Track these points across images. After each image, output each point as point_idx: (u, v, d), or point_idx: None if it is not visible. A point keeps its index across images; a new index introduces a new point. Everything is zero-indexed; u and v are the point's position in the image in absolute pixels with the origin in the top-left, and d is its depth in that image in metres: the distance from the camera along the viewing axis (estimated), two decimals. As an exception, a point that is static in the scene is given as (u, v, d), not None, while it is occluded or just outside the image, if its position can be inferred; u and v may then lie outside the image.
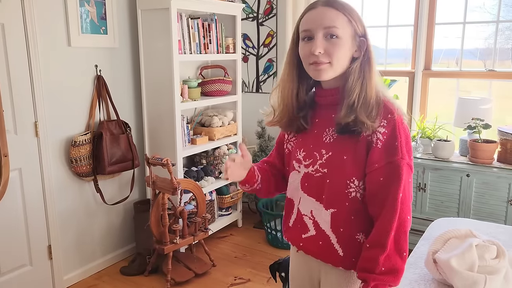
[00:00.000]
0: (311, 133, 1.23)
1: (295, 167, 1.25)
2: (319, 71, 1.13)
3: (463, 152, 2.86)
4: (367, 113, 1.09)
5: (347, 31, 1.12)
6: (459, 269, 1.51)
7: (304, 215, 1.23)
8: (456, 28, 3.11)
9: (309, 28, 1.13)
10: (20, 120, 2.38)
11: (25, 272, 2.50)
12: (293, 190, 1.27)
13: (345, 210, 1.14)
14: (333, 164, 1.15)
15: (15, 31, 2.30)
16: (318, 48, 1.11)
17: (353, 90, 1.11)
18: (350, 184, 1.13)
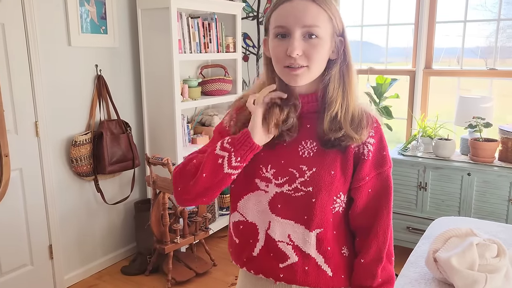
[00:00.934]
0: (279, 147, 1.05)
1: (260, 186, 1.06)
2: (296, 77, 0.98)
3: (464, 151, 2.85)
4: (353, 125, 1.00)
5: (328, 30, 0.98)
6: (460, 268, 1.50)
7: (279, 242, 1.05)
8: (457, 26, 3.10)
9: (285, 25, 0.96)
10: (20, 120, 2.39)
11: (26, 272, 2.50)
12: (256, 213, 1.07)
13: (330, 227, 1.05)
14: (321, 181, 1.01)
15: (15, 31, 2.30)
16: (296, 50, 0.95)
17: (335, 100, 1.00)
18: (336, 200, 1.04)
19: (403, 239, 2.88)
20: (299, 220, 1.03)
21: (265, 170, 1.05)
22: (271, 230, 1.06)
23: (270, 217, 1.05)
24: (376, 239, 1.05)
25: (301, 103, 1.04)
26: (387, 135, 3.45)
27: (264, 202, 1.06)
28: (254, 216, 1.08)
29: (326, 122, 1.00)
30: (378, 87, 3.10)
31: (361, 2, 3.32)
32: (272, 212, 1.05)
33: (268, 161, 1.05)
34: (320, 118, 1.02)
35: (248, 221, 1.09)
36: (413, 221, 2.83)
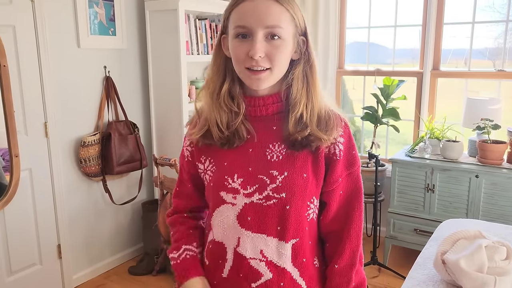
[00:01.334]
0: (242, 153, 0.99)
1: (226, 199, 0.99)
2: (259, 81, 0.94)
3: (472, 153, 2.84)
4: (320, 126, 0.97)
5: (290, 31, 0.95)
6: (468, 270, 1.50)
7: (250, 259, 0.98)
8: (464, 27, 3.09)
9: (246, 25, 0.91)
10: (30, 121, 2.41)
11: (35, 271, 2.53)
12: (224, 230, 1.00)
13: (305, 236, 0.99)
14: (293, 185, 0.95)
15: (26, 33, 2.33)
16: (259, 52, 0.91)
17: (299, 101, 0.96)
18: (310, 205, 0.99)
19: (410, 241, 2.87)
20: (272, 233, 0.97)
21: (231, 181, 0.98)
22: (241, 247, 0.98)
23: (239, 233, 0.98)
24: (349, 243, 1.01)
25: (261, 105, 1.00)
26: (395, 136, 3.44)
27: (232, 217, 0.98)
28: (220, 234, 1.01)
29: (291, 124, 0.96)
30: (385, 89, 3.09)
31: (368, 4, 3.32)
32: (241, 226, 0.98)
33: (234, 170, 0.99)
34: (285, 120, 0.98)
35: (215, 241, 1.03)
36: (421, 223, 2.82)
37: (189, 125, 1.08)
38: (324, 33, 3.22)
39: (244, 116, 1.00)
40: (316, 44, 3.24)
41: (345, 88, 3.69)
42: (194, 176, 1.10)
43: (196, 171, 1.08)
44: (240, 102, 1.00)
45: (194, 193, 1.12)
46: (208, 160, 1.04)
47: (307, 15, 3.21)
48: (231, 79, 1.00)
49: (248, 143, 1.00)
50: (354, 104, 4.24)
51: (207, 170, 1.04)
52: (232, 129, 0.99)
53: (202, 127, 1.01)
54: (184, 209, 1.14)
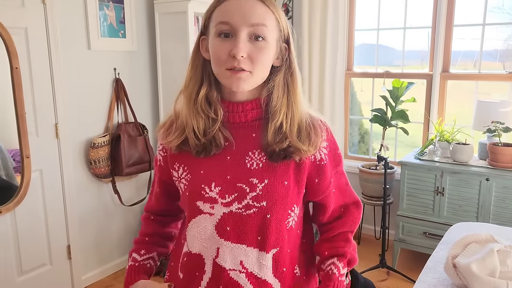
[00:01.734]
0: (220, 161, 0.96)
1: (204, 209, 0.95)
2: (239, 80, 0.89)
3: (483, 155, 2.82)
4: (300, 136, 0.93)
5: (274, 34, 0.91)
6: (480, 274, 1.49)
7: (230, 271, 0.94)
8: (474, 29, 3.07)
9: (230, 21, 0.87)
10: (41, 122, 2.44)
11: (45, 271, 2.55)
12: (201, 241, 0.96)
13: (285, 245, 0.97)
14: (274, 194, 0.93)
15: (37, 35, 2.36)
16: (242, 51, 0.86)
17: (279, 109, 0.93)
18: (291, 214, 0.96)
19: (419, 244, 2.85)
20: (252, 243, 0.94)
21: (208, 190, 0.94)
22: (220, 258, 0.94)
23: (218, 243, 0.94)
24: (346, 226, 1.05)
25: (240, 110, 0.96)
26: (404, 138, 3.42)
27: (210, 227, 0.95)
28: (198, 246, 0.97)
29: (270, 133, 0.93)
30: (395, 91, 3.08)
31: (377, 5, 3.31)
32: (220, 237, 0.94)
33: (211, 179, 0.95)
34: (265, 127, 0.94)
35: (192, 253, 0.98)
36: (430, 226, 2.80)
37: (163, 128, 1.03)
38: (332, 34, 3.22)
39: (222, 123, 0.95)
40: (325, 46, 3.23)
41: (353, 90, 3.69)
42: (164, 182, 1.08)
43: (167, 177, 1.05)
44: (218, 108, 0.95)
45: (161, 198, 1.11)
46: (181, 168, 0.99)
47: (315, 16, 3.22)
48: (208, 83, 0.95)
49: (226, 151, 0.96)
50: (362, 106, 4.23)
51: (181, 178, 0.99)
52: (209, 136, 0.94)
53: (181, 134, 0.96)
54: (154, 211, 1.14)
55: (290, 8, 3.52)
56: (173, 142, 0.97)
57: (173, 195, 1.08)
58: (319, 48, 3.26)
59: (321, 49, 3.26)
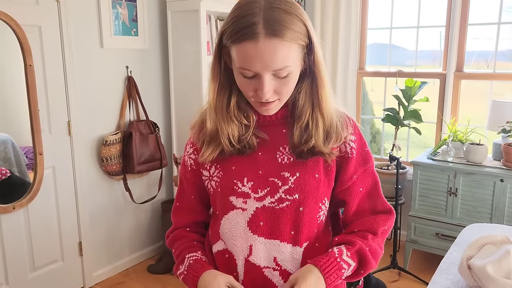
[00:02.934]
0: (251, 156, 0.97)
1: (236, 204, 0.95)
2: (268, 110, 0.93)
3: (497, 156, 2.77)
4: (327, 138, 0.94)
5: (299, 59, 0.89)
6: (495, 276, 1.46)
7: (264, 268, 0.94)
8: (488, 29, 3.02)
9: (251, 69, 0.85)
10: (54, 120, 2.46)
11: (57, 268, 2.57)
12: (232, 238, 0.95)
13: (314, 239, 0.97)
14: (306, 186, 0.93)
15: (51, 33, 2.37)
16: (267, 95, 0.87)
17: (304, 112, 0.95)
18: (322, 207, 0.97)
19: (432, 246, 2.82)
20: (286, 238, 0.94)
21: (240, 185, 0.95)
22: (254, 256, 0.94)
23: (251, 239, 0.93)
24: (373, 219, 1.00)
25: None
26: (415, 139, 3.39)
27: (242, 223, 0.94)
28: (229, 243, 0.96)
29: (297, 135, 0.95)
30: (407, 90, 3.05)
31: (390, 4, 3.28)
32: (253, 232, 0.93)
33: (243, 174, 0.95)
34: (292, 126, 0.96)
35: (223, 252, 0.98)
36: (443, 228, 2.77)
37: (194, 130, 1.03)
38: (345, 33, 3.20)
39: (254, 124, 0.97)
40: (337, 45, 3.21)
41: (365, 89, 3.66)
42: (198, 187, 1.05)
43: (200, 181, 1.04)
44: (250, 115, 0.96)
45: (198, 206, 1.07)
46: (214, 166, 1.00)
47: (328, 15, 3.20)
48: (237, 92, 0.95)
49: (258, 147, 0.97)
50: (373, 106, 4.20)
51: (213, 176, 1.00)
52: (243, 143, 0.96)
53: (216, 147, 0.96)
54: (186, 225, 1.08)
55: (302, 6, 3.50)
56: (209, 157, 0.97)
57: (206, 202, 1.07)
58: (331, 46, 3.24)
59: (333, 48, 3.24)
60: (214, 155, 0.97)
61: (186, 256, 1.01)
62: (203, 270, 0.95)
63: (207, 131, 0.98)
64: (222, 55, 0.93)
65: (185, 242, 1.05)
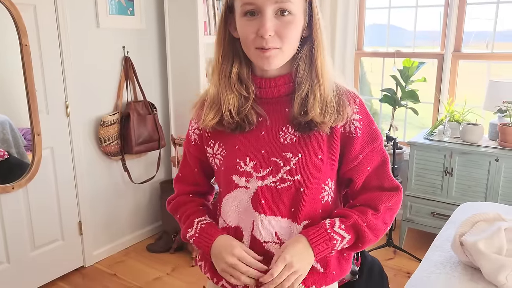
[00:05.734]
0: (254, 136, 0.97)
1: (239, 183, 0.97)
2: (268, 59, 0.90)
3: (493, 136, 2.79)
4: (326, 108, 0.93)
5: (301, 5, 0.90)
6: (487, 252, 1.49)
7: (266, 243, 0.97)
8: (487, 9, 3.00)
9: (254, 1, 0.87)
10: (51, 100, 2.45)
11: (57, 247, 2.61)
12: (238, 214, 0.99)
13: (318, 218, 0.98)
14: (307, 167, 0.94)
15: (46, 12, 2.35)
16: (269, 30, 0.87)
17: (304, 81, 0.94)
18: (325, 187, 0.98)
19: (427, 224, 2.86)
20: (286, 214, 0.96)
21: (243, 164, 0.96)
22: (256, 231, 0.97)
23: (253, 216, 0.97)
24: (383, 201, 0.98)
25: (272, 86, 0.97)
26: (413, 119, 3.40)
27: (246, 200, 0.97)
28: (236, 219, 1.00)
29: (297, 105, 0.94)
30: (405, 71, 3.04)
31: (389, -17, 3.25)
32: (255, 209, 0.96)
33: (245, 154, 0.97)
34: (292, 100, 0.95)
35: (230, 227, 1.01)
36: (438, 207, 2.80)
37: (196, 108, 1.05)
38: (343, 12, 3.17)
39: (254, 100, 0.97)
40: (335, 24, 3.19)
41: (363, 70, 3.65)
42: (201, 161, 1.08)
43: (204, 156, 1.06)
44: (250, 86, 0.97)
45: (200, 178, 1.11)
46: (217, 144, 1.01)
47: (326, -5, 3.16)
48: (239, 62, 0.96)
49: (260, 126, 0.97)
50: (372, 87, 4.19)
51: (217, 154, 1.02)
52: (242, 115, 0.96)
53: (216, 113, 0.97)
54: (188, 191, 1.12)
55: (300, -15, 3.46)
56: (210, 122, 0.98)
57: (208, 173, 1.10)
58: (329, 26, 3.22)
59: (331, 28, 3.22)
60: (215, 120, 0.98)
61: (195, 220, 1.04)
62: (217, 234, 1.00)
63: (209, 95, 0.99)
64: (227, 23, 0.95)
65: (192, 206, 1.08)
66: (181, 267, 2.76)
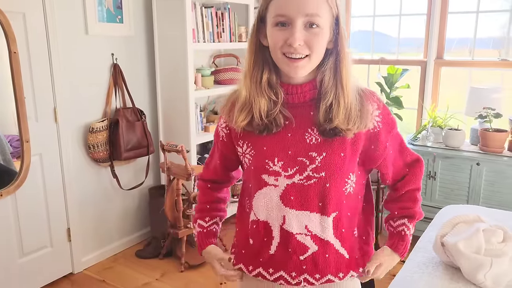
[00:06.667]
0: (281, 138, 1.05)
1: (269, 181, 1.06)
2: (297, 68, 0.99)
3: (474, 141, 2.88)
4: (349, 116, 1.00)
5: (328, 20, 0.99)
6: (466, 252, 1.55)
7: (297, 234, 1.07)
8: (470, 16, 3.10)
9: (286, 13, 0.96)
10: (40, 107, 2.46)
11: (46, 253, 2.60)
12: (267, 210, 1.08)
13: (344, 209, 1.08)
14: (332, 165, 1.02)
15: (35, 20, 2.37)
16: (298, 40, 0.95)
17: (329, 91, 1.01)
18: (347, 181, 1.06)
19: (411, 227, 2.92)
20: (314, 209, 1.05)
21: (272, 164, 1.05)
22: (287, 224, 1.06)
23: (284, 211, 1.06)
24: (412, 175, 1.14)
25: (299, 92, 1.05)
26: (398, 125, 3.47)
27: (275, 197, 1.06)
28: (265, 214, 1.09)
29: (322, 113, 1.01)
30: (389, 77, 3.12)
31: (374, -8, 3.33)
32: (285, 205, 1.06)
33: (274, 154, 1.05)
34: (318, 107, 1.03)
35: (260, 220, 1.10)
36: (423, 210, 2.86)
37: (226, 107, 1.13)
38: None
39: (281, 104, 1.05)
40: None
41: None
42: (225, 156, 1.19)
43: (229, 152, 1.16)
44: (278, 91, 1.04)
45: (220, 169, 1.23)
46: (246, 144, 1.10)
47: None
48: (269, 69, 1.04)
49: (286, 128, 1.05)
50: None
51: (246, 153, 1.10)
52: (270, 118, 1.04)
53: (247, 115, 1.05)
54: (208, 179, 1.26)
55: (286, -6, 3.53)
56: (241, 123, 1.06)
57: (230, 167, 1.22)
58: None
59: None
60: (246, 122, 1.06)
61: (197, 220, 1.24)
62: (207, 244, 1.22)
63: (240, 98, 1.07)
64: (259, 32, 1.04)
65: (202, 202, 1.26)
66: (170, 273, 2.78)
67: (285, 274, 1.09)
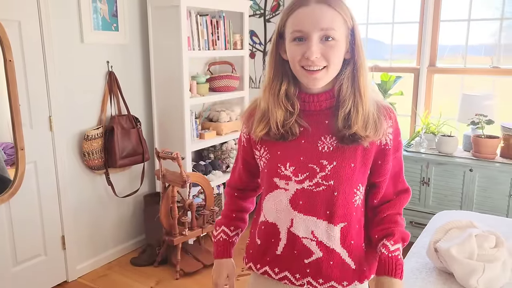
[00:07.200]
0: (295, 144, 1.09)
1: (280, 185, 1.10)
2: (315, 80, 1.04)
3: (467, 147, 2.91)
4: (367, 125, 1.04)
5: (343, 32, 1.03)
6: (459, 257, 1.57)
7: (303, 238, 1.09)
8: (462, 24, 3.14)
9: (303, 29, 1.01)
10: (35, 115, 2.46)
11: (40, 262, 2.59)
12: (277, 212, 1.12)
13: (353, 221, 1.10)
14: (341, 174, 1.05)
15: (31, 28, 2.38)
16: (314, 53, 1.00)
17: (347, 99, 1.05)
18: (357, 192, 1.09)
19: (406, 233, 2.94)
20: (321, 216, 1.07)
21: (284, 169, 1.09)
22: (294, 227, 1.09)
23: (292, 214, 1.09)
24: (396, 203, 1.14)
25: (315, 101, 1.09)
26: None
27: (285, 200, 1.10)
28: (274, 216, 1.13)
29: (340, 120, 1.05)
30: (383, 84, 3.15)
31: (367, 0, 3.37)
32: (293, 209, 1.09)
33: (286, 159, 1.09)
34: (335, 115, 1.07)
35: (268, 222, 1.14)
36: (417, 216, 2.89)
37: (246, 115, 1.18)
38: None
39: (298, 112, 1.09)
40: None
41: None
42: (246, 161, 1.23)
43: (249, 157, 1.21)
44: (295, 102, 1.09)
45: (244, 174, 1.27)
46: (263, 148, 1.14)
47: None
48: (287, 81, 1.09)
49: (301, 135, 1.09)
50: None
51: (262, 156, 1.15)
52: (286, 127, 1.08)
53: (265, 126, 1.10)
54: (235, 186, 1.30)
55: (281, 2, 3.57)
56: (259, 133, 1.12)
57: (253, 172, 1.25)
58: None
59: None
60: (263, 132, 1.11)
61: (222, 226, 1.28)
62: (227, 256, 1.27)
63: (260, 109, 1.12)
64: (278, 47, 1.09)
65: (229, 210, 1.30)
66: (166, 280, 2.77)
67: (290, 275, 1.12)
